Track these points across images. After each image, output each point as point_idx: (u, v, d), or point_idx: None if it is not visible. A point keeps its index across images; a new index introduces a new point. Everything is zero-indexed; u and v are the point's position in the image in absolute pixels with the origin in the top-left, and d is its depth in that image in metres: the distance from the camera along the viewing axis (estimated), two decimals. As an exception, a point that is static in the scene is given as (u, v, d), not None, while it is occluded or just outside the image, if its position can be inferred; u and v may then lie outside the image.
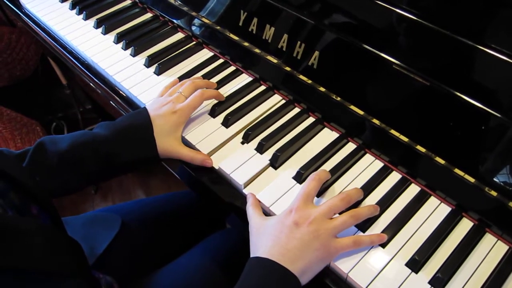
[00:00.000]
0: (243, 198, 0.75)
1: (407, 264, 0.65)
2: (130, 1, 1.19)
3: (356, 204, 0.71)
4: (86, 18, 1.14)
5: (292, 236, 0.63)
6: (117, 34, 1.07)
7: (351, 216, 0.66)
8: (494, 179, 0.67)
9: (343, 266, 0.65)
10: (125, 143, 0.77)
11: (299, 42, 0.85)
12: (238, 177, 0.76)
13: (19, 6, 1.23)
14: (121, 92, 0.97)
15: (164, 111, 0.80)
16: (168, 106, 0.81)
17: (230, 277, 0.91)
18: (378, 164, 0.78)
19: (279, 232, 0.64)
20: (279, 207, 0.72)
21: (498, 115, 0.65)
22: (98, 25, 1.11)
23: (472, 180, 0.69)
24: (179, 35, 1.08)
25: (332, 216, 0.66)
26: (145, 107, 0.82)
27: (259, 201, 0.73)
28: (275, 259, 0.61)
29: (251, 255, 0.65)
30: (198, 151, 0.81)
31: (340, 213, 0.67)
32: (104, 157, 0.76)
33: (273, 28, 0.89)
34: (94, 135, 0.77)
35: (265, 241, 0.64)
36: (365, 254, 0.66)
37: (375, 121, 0.77)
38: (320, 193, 0.73)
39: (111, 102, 1.00)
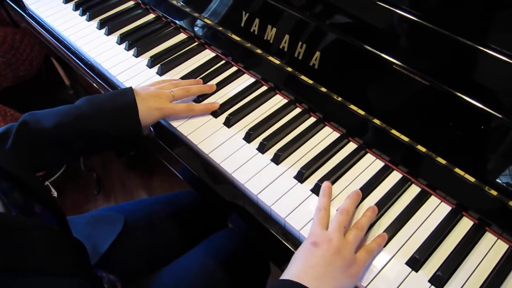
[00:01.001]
0: (244, 198, 0.76)
1: (408, 263, 0.66)
2: (133, 2, 1.19)
3: (358, 203, 0.72)
4: (90, 19, 1.15)
5: (312, 254, 0.62)
6: (120, 34, 1.08)
7: (359, 229, 0.67)
8: (494, 179, 0.67)
9: (344, 264, 0.65)
10: (110, 122, 0.78)
11: (300, 43, 0.85)
12: (240, 177, 0.77)
13: (23, 7, 1.24)
14: (124, 92, 0.98)
15: (151, 104, 0.82)
16: (156, 100, 0.83)
17: (232, 276, 0.92)
18: (379, 164, 0.78)
19: (300, 256, 0.64)
20: (280, 206, 0.72)
21: (498, 115, 0.65)
22: (101, 26, 1.12)
23: (472, 179, 0.69)
24: (181, 36, 1.08)
25: (344, 232, 0.66)
26: (131, 88, 0.83)
27: (261, 199, 0.73)
28: (295, 279, 0.60)
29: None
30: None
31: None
32: (89, 135, 0.78)
33: (274, 29, 0.89)
34: (78, 114, 0.78)
35: (289, 268, 0.64)
36: (366, 253, 0.67)
37: (376, 121, 0.78)
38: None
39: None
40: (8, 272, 0.47)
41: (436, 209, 0.72)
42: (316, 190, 0.74)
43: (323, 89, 0.84)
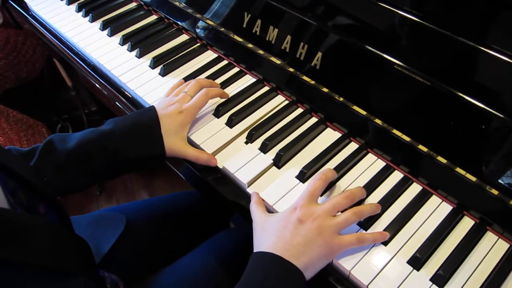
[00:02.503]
0: (247, 198, 0.76)
1: (409, 262, 0.66)
2: (136, 4, 1.20)
3: (359, 203, 0.72)
4: (92, 20, 1.15)
5: (296, 232, 0.64)
6: (123, 36, 1.08)
7: (354, 213, 0.67)
8: (495, 178, 0.67)
9: (346, 263, 0.66)
10: (132, 140, 0.78)
11: (302, 44, 0.86)
12: (242, 176, 0.77)
13: (26, 9, 1.25)
14: (126, 93, 0.99)
15: (171, 110, 0.81)
16: (174, 106, 0.82)
17: (234, 276, 0.92)
18: (380, 164, 0.79)
19: (283, 228, 0.65)
20: (282, 205, 0.73)
21: (500, 114, 0.66)
22: (104, 27, 1.13)
23: (473, 179, 0.69)
24: (183, 37, 1.09)
25: (335, 214, 0.67)
26: (153, 106, 0.83)
27: (263, 199, 0.74)
28: (279, 254, 0.62)
29: (255, 251, 0.66)
30: (203, 151, 0.82)
31: (342, 211, 0.68)
32: (111, 154, 0.77)
33: (276, 30, 0.90)
34: (102, 132, 0.78)
35: (269, 236, 0.65)
36: (368, 252, 0.67)
37: (378, 121, 0.78)
38: (323, 191, 0.74)
39: (116, 103, 1.01)
40: (15, 268, 0.47)
41: (437, 209, 0.72)
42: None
43: (325, 90, 0.84)
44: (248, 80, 0.96)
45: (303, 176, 0.76)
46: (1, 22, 0.68)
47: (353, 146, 0.82)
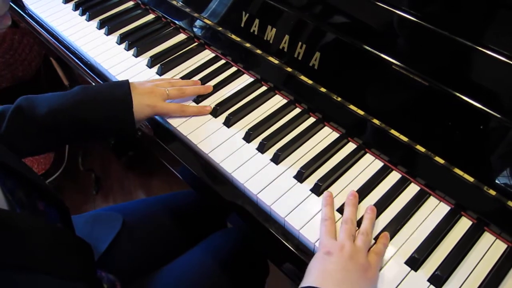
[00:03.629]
0: (244, 197, 0.76)
1: (407, 262, 0.66)
2: (133, 2, 1.20)
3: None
4: (89, 19, 1.15)
5: (327, 262, 0.63)
6: (120, 35, 1.08)
7: (366, 234, 0.67)
8: (493, 179, 0.67)
9: (343, 264, 0.66)
10: (104, 113, 0.79)
11: (300, 43, 0.86)
12: (240, 176, 0.77)
13: (23, 7, 1.24)
14: (123, 92, 0.98)
15: (145, 100, 0.83)
16: (150, 97, 0.83)
17: (231, 275, 0.92)
18: (378, 164, 0.78)
19: (315, 266, 0.64)
20: (280, 206, 0.73)
21: (497, 115, 0.66)
22: (101, 26, 1.12)
23: (471, 179, 0.69)
24: (181, 36, 1.09)
25: (353, 239, 0.67)
26: (127, 82, 0.83)
27: (260, 199, 0.74)
28: (314, 285, 0.59)
29: None
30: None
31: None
32: (82, 125, 0.78)
33: (274, 29, 0.89)
34: (73, 101, 0.78)
35: (307, 278, 0.63)
36: (365, 252, 0.67)
37: (375, 121, 0.78)
38: (322, 193, 0.74)
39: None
40: (13, 271, 0.47)
41: (435, 209, 0.72)
42: (315, 190, 0.75)
43: (323, 89, 0.84)
44: (245, 79, 0.95)
45: (301, 176, 0.76)
46: (9, 24, 0.68)
47: (351, 146, 0.81)
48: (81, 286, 0.56)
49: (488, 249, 0.67)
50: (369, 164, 0.79)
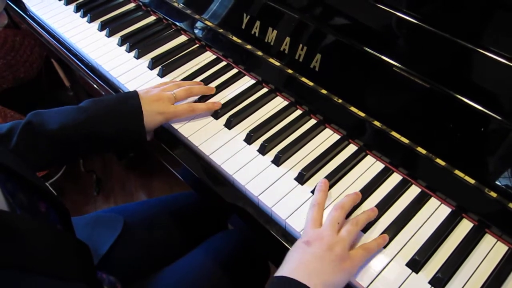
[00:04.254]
0: (245, 199, 0.76)
1: (408, 264, 0.66)
2: (134, 4, 1.20)
3: (358, 205, 0.72)
4: (91, 20, 1.15)
5: (304, 252, 0.63)
6: (121, 36, 1.08)
7: (354, 224, 0.67)
8: (494, 181, 0.67)
9: (344, 266, 0.66)
10: (115, 128, 0.79)
11: (301, 45, 0.86)
12: (241, 178, 0.77)
13: (24, 9, 1.25)
14: (124, 94, 0.98)
15: (154, 108, 0.83)
16: (158, 104, 0.83)
17: (232, 277, 0.92)
18: (379, 166, 0.79)
19: (292, 252, 0.65)
20: (281, 207, 0.73)
21: (498, 117, 0.66)
22: (102, 27, 1.12)
23: (472, 181, 0.69)
24: (182, 38, 1.09)
25: (338, 228, 0.67)
26: (136, 93, 0.83)
27: (261, 201, 0.74)
28: (287, 275, 0.60)
29: None
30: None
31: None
32: (92, 139, 0.78)
33: (275, 31, 0.90)
34: (85, 117, 0.78)
35: (282, 266, 0.64)
36: (366, 254, 0.67)
37: (376, 123, 0.78)
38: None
39: (114, 103, 1.01)
40: (9, 271, 0.47)
41: (436, 211, 0.72)
42: (316, 191, 0.75)
43: (324, 91, 0.84)
44: (247, 81, 0.95)
45: (302, 178, 0.76)
46: (6, 23, 0.68)
47: (351, 148, 0.81)
48: (81, 287, 0.56)
49: (489, 251, 0.67)
50: (370, 166, 0.79)
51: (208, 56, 1.03)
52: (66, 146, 0.78)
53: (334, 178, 0.76)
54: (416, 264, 0.65)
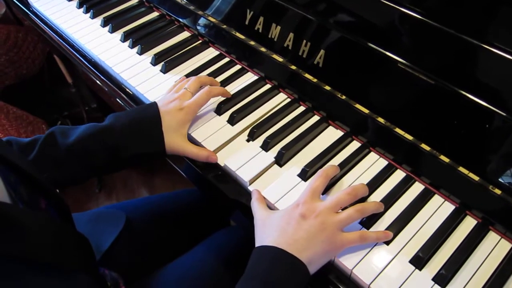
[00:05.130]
0: (248, 195, 0.76)
1: (411, 261, 0.66)
2: (137, 0, 1.20)
3: (361, 201, 0.72)
4: (93, 16, 1.15)
5: (299, 227, 0.64)
6: (124, 32, 1.08)
7: (357, 210, 0.66)
8: (498, 178, 0.67)
9: (348, 262, 0.66)
10: (133, 136, 0.78)
11: (304, 41, 0.85)
12: (244, 174, 0.77)
13: (27, 5, 1.25)
14: (127, 89, 0.98)
15: (171, 107, 0.81)
16: (175, 102, 0.82)
17: (235, 274, 0.92)
18: (383, 163, 0.78)
19: (285, 224, 0.65)
20: (284, 203, 0.73)
21: (503, 113, 0.65)
22: (105, 23, 1.12)
23: (476, 178, 0.69)
24: (185, 34, 1.08)
25: (338, 210, 0.67)
26: (155, 102, 0.83)
27: (265, 197, 0.74)
28: (282, 248, 0.62)
29: (256, 246, 0.66)
30: (203, 148, 0.81)
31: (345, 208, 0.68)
32: (111, 150, 0.77)
33: (279, 27, 0.89)
34: (103, 127, 0.78)
35: (271, 232, 0.65)
36: (370, 251, 0.67)
37: (380, 119, 0.78)
38: (325, 190, 0.74)
39: (117, 99, 1.01)
40: (13, 262, 0.47)
41: (439, 208, 0.72)
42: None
43: (327, 88, 0.84)
44: (250, 77, 0.95)
45: (305, 175, 0.76)
46: (3, 12, 0.67)
47: (355, 145, 0.81)
48: (84, 278, 0.56)
49: (493, 248, 0.67)
50: (374, 163, 0.78)
51: (211, 52, 1.03)
52: (85, 158, 0.77)
53: (337, 174, 0.76)
54: (419, 261, 0.65)
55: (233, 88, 0.93)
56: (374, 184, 0.75)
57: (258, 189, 0.75)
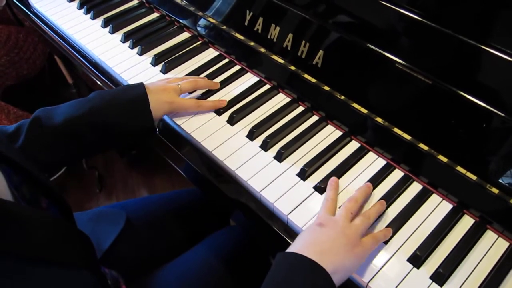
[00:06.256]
0: (248, 195, 0.77)
1: (409, 260, 0.66)
2: (137, 1, 1.20)
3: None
4: (94, 17, 1.15)
5: (317, 233, 0.64)
6: (124, 33, 1.08)
7: (367, 217, 0.68)
8: (496, 177, 0.67)
9: (346, 261, 0.66)
10: (121, 114, 0.79)
11: (304, 42, 0.86)
12: (243, 174, 0.77)
13: (28, 6, 1.25)
14: (128, 90, 0.98)
15: (159, 96, 0.82)
16: (164, 93, 0.83)
17: (234, 273, 0.92)
18: (381, 162, 0.79)
19: (306, 235, 0.65)
20: (283, 203, 0.73)
21: (500, 113, 0.66)
22: (105, 24, 1.13)
23: (473, 177, 0.70)
24: (185, 35, 1.09)
25: (351, 218, 0.67)
26: (141, 83, 0.83)
27: (263, 196, 0.74)
28: (301, 253, 0.61)
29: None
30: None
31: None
32: (100, 129, 0.77)
33: (278, 28, 0.90)
34: (90, 107, 0.77)
35: (293, 245, 0.65)
36: (368, 250, 0.67)
37: (379, 119, 0.78)
38: (325, 190, 0.74)
39: (117, 100, 1.01)
40: (15, 259, 0.47)
41: (437, 207, 0.72)
42: (318, 188, 0.75)
43: (326, 88, 0.84)
44: (249, 78, 0.96)
45: (304, 174, 0.77)
46: (3, 4, 0.67)
47: (354, 145, 0.82)
48: (86, 273, 0.57)
49: (491, 247, 0.67)
50: (372, 162, 0.79)
51: (211, 53, 1.03)
52: (73, 139, 0.77)
53: (336, 174, 0.76)
54: (417, 259, 0.66)
55: (233, 88, 0.93)
56: (372, 183, 0.75)
57: (258, 189, 0.75)
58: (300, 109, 0.88)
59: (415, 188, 0.75)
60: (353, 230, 0.64)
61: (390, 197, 0.73)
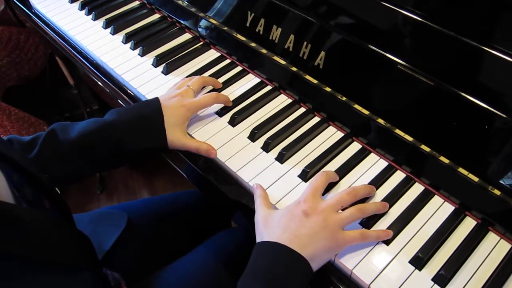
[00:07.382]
0: (249, 196, 0.76)
1: (411, 261, 0.66)
2: (139, 2, 1.20)
3: (364, 201, 0.72)
4: (95, 18, 1.15)
5: (301, 224, 0.64)
6: (126, 34, 1.08)
7: (358, 210, 0.67)
8: (498, 179, 0.67)
9: (348, 263, 0.66)
10: (136, 132, 0.78)
11: (305, 43, 0.86)
12: (244, 175, 0.77)
13: (29, 7, 1.25)
14: (129, 91, 0.99)
15: (173, 103, 0.82)
16: (177, 99, 0.83)
17: (236, 275, 0.91)
18: (383, 164, 0.79)
19: (288, 221, 0.65)
20: (284, 204, 0.73)
21: (503, 115, 0.66)
22: (107, 25, 1.13)
23: (476, 179, 0.69)
24: (186, 36, 1.09)
25: (339, 210, 0.68)
26: (157, 97, 0.83)
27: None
28: (284, 243, 0.62)
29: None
30: (202, 142, 0.82)
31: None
32: (114, 146, 0.77)
33: (280, 29, 0.90)
34: (104, 122, 0.78)
35: (273, 229, 0.65)
36: (370, 251, 0.67)
37: (380, 120, 0.78)
38: (326, 191, 0.74)
39: (118, 100, 1.02)
40: (14, 260, 0.47)
41: (439, 209, 0.72)
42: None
43: (328, 89, 0.84)
44: (250, 79, 0.96)
45: (305, 175, 0.76)
46: (2, 7, 0.68)
47: (355, 146, 0.82)
48: (87, 275, 0.57)
49: (493, 249, 0.67)
50: (374, 164, 0.79)
51: (212, 54, 1.03)
52: (86, 152, 0.77)
53: (338, 175, 0.76)
54: (419, 261, 0.65)
55: (234, 89, 0.93)
56: (374, 185, 0.75)
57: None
58: (302, 110, 0.88)
59: (416, 189, 0.75)
60: (337, 222, 0.65)
61: (391, 199, 0.73)
